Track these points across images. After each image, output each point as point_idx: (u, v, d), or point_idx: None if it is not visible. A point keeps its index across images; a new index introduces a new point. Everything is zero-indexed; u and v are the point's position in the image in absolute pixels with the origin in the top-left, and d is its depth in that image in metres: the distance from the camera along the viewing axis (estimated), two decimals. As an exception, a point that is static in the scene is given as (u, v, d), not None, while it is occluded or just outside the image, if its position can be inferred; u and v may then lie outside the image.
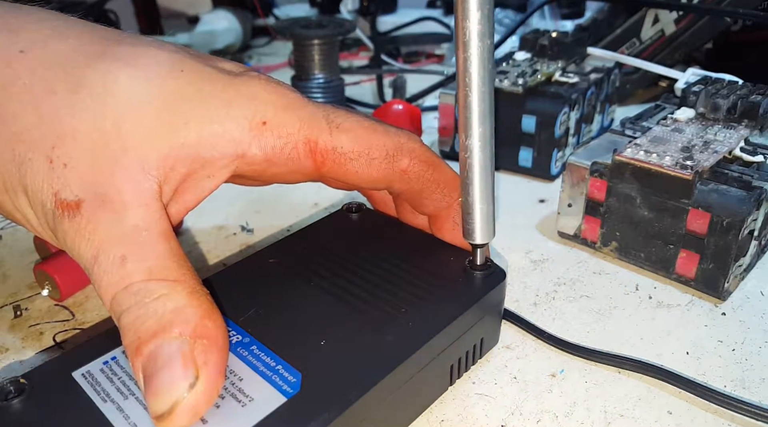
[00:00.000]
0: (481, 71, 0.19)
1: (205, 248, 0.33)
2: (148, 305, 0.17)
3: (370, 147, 0.22)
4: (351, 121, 0.22)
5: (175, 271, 0.18)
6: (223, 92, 0.20)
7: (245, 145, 0.20)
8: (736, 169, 0.28)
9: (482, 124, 0.20)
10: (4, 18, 0.20)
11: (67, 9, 0.22)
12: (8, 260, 0.32)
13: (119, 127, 0.19)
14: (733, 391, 0.23)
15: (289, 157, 0.21)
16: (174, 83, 0.20)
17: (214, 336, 0.17)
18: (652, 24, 0.49)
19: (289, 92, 0.21)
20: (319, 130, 0.21)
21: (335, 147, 0.21)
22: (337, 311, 0.21)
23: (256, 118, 0.20)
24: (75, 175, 0.18)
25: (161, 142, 0.19)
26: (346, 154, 0.22)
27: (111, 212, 0.18)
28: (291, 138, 0.21)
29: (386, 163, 0.22)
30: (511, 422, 0.22)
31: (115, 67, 0.19)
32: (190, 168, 0.20)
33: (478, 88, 0.19)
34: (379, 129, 0.22)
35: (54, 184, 0.18)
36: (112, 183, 0.18)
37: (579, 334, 0.26)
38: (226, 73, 0.21)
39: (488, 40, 0.19)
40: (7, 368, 0.25)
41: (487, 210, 0.22)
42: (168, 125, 0.19)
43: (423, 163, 0.23)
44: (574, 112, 0.39)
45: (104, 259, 0.18)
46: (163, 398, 0.16)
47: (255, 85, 0.21)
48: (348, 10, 0.76)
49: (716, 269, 0.27)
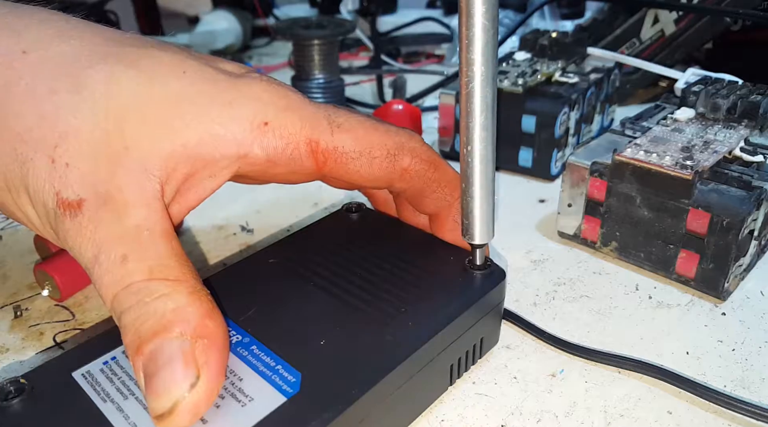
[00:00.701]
0: (483, 71, 0.19)
1: (205, 248, 0.33)
2: (149, 304, 0.17)
3: (371, 146, 0.22)
4: (352, 121, 0.22)
5: (176, 270, 0.18)
6: (225, 93, 0.20)
7: (247, 146, 0.20)
8: (736, 169, 0.28)
9: (483, 124, 0.20)
10: (7, 18, 0.20)
11: (69, 9, 0.22)
12: (8, 260, 0.32)
13: (122, 128, 0.19)
14: (733, 391, 0.23)
15: (291, 158, 0.21)
16: (176, 84, 0.20)
17: (214, 336, 0.18)
18: (652, 24, 0.49)
19: (291, 93, 0.21)
20: (321, 130, 0.21)
21: (337, 147, 0.21)
22: (337, 311, 0.21)
23: (257, 119, 0.20)
24: (77, 174, 0.18)
25: (163, 142, 0.19)
26: (348, 153, 0.22)
27: (112, 212, 0.18)
28: (292, 138, 0.21)
29: (387, 162, 0.22)
30: (511, 422, 0.22)
31: (118, 68, 0.19)
32: (192, 168, 0.20)
33: (479, 87, 0.19)
34: (381, 128, 0.23)
35: (56, 183, 0.18)
36: (114, 183, 0.18)
37: (579, 334, 0.26)
38: (228, 74, 0.21)
39: (491, 40, 0.19)
40: (7, 368, 0.25)
41: (487, 210, 0.22)
42: (170, 126, 0.19)
43: (424, 162, 0.23)
44: (574, 112, 0.39)
45: (105, 258, 0.18)
46: (164, 397, 0.16)
47: (256, 86, 0.21)
48: (348, 11, 0.76)
49: (716, 268, 0.27)
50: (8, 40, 0.19)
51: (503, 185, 0.40)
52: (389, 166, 0.22)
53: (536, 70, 0.41)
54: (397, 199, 0.27)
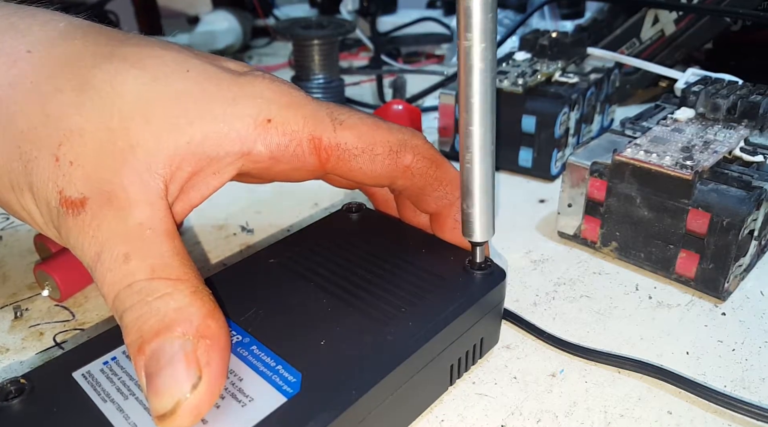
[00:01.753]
0: (482, 69, 0.19)
1: (205, 248, 0.33)
2: (151, 303, 0.17)
3: (373, 143, 0.22)
4: (354, 119, 0.22)
5: (178, 269, 0.18)
6: (228, 91, 0.20)
7: (251, 143, 0.20)
8: (736, 169, 0.28)
9: (483, 122, 0.20)
10: (11, 19, 0.20)
11: (70, 9, 0.22)
12: (8, 260, 0.32)
13: (126, 126, 0.19)
14: (733, 391, 0.23)
15: (294, 155, 0.21)
16: (180, 83, 0.20)
17: (216, 336, 0.18)
18: (652, 24, 0.49)
19: (293, 91, 0.22)
20: (324, 128, 0.21)
21: (339, 143, 0.22)
22: (337, 310, 0.21)
23: (260, 117, 0.20)
24: (81, 173, 0.18)
25: (168, 141, 0.19)
26: (350, 150, 0.22)
27: (116, 210, 0.18)
28: (296, 135, 0.21)
29: (390, 160, 0.22)
30: (511, 422, 0.22)
31: (123, 67, 0.19)
32: (196, 166, 0.20)
33: (479, 86, 0.19)
34: (383, 126, 0.23)
35: (59, 181, 0.18)
36: (119, 181, 0.18)
37: (579, 334, 0.26)
38: (231, 72, 0.21)
39: (491, 37, 0.19)
40: (7, 368, 0.25)
41: (487, 208, 0.22)
42: (174, 124, 0.19)
43: (426, 159, 0.23)
44: (574, 112, 0.39)
45: (107, 256, 0.18)
46: (166, 397, 0.16)
47: (259, 83, 0.21)
48: (348, 11, 0.76)
49: (716, 269, 0.27)
50: (13, 40, 0.19)
51: (503, 185, 0.40)
52: (391, 163, 0.23)
53: (536, 70, 0.41)
54: (398, 199, 0.27)
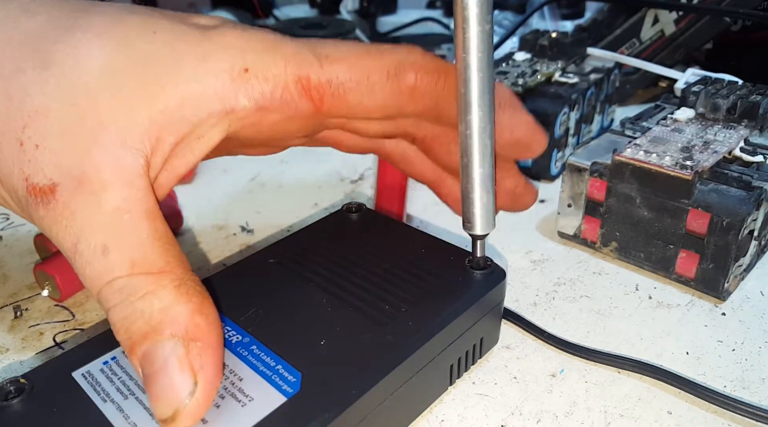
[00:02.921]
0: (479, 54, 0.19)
1: (205, 248, 0.33)
2: (134, 304, 0.17)
3: (368, 71, 0.20)
4: (341, 50, 0.20)
5: (159, 260, 0.17)
6: (198, 47, 0.19)
7: (232, 99, 0.19)
8: (735, 169, 0.28)
9: (481, 110, 0.20)
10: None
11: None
12: (8, 260, 0.32)
13: (94, 102, 0.17)
14: (733, 391, 0.23)
15: (283, 101, 0.19)
16: (147, 46, 0.18)
17: (206, 335, 0.17)
18: (652, 24, 0.49)
19: (268, 35, 0.20)
20: (309, 65, 0.19)
21: (330, 79, 0.20)
22: (337, 310, 0.21)
23: (236, 68, 0.19)
24: (48, 156, 0.17)
25: (140, 112, 0.18)
26: (343, 84, 0.20)
27: (89, 194, 0.17)
28: (279, 79, 0.19)
29: (390, 85, 0.20)
30: (511, 422, 0.22)
31: (86, 38, 0.18)
32: (178, 135, 0.18)
33: (476, 72, 0.19)
34: (373, 50, 0.20)
35: (25, 168, 0.17)
36: (90, 162, 0.17)
37: (579, 334, 0.26)
38: (201, 27, 0.19)
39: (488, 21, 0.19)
40: (7, 368, 0.25)
41: (487, 200, 0.21)
42: (145, 92, 0.18)
43: (431, 73, 0.21)
44: (574, 113, 0.39)
45: (85, 248, 0.17)
46: (165, 406, 0.16)
47: (230, 34, 0.19)
48: (348, 11, 0.76)
49: (716, 269, 0.27)
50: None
51: (503, 185, 0.39)
52: (393, 88, 0.20)
53: (536, 70, 0.41)
54: (415, 151, 0.25)
